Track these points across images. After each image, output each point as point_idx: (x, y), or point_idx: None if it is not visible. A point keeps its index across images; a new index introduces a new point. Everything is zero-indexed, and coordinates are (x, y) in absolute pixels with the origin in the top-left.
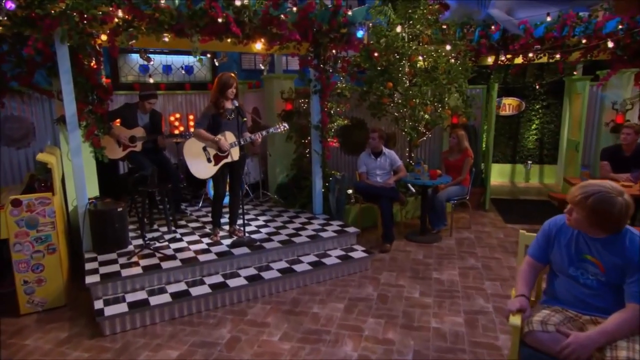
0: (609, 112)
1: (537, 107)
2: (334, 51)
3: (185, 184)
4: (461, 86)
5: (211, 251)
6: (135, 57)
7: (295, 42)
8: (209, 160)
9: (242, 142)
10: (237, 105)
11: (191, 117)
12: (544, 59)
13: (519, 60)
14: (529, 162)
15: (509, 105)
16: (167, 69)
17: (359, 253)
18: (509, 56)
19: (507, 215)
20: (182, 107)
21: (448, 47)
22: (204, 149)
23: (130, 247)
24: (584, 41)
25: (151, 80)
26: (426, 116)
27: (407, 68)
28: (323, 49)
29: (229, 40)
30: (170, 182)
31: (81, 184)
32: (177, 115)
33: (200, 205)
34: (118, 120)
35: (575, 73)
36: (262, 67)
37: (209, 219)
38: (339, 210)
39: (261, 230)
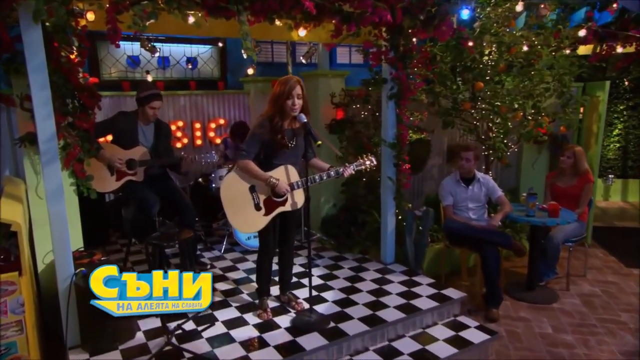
0: None
1: (621, 108)
2: (414, 39)
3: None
4: (566, 85)
5: (267, 342)
6: (122, 46)
7: (374, 26)
8: (257, 207)
9: (311, 182)
10: (305, 121)
11: (197, 125)
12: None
13: (631, 49)
14: (610, 175)
15: None
16: (164, 61)
17: (473, 332)
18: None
19: (620, 254)
20: (186, 112)
21: (582, 32)
22: (252, 189)
23: (139, 338)
24: None
25: (149, 77)
26: (509, 124)
27: (502, 63)
28: (404, 36)
29: (278, 22)
30: (186, 225)
31: (63, 245)
32: (180, 124)
33: (222, 250)
34: (109, 136)
35: None
36: (304, 62)
37: (242, 274)
38: (418, 259)
39: (324, 295)
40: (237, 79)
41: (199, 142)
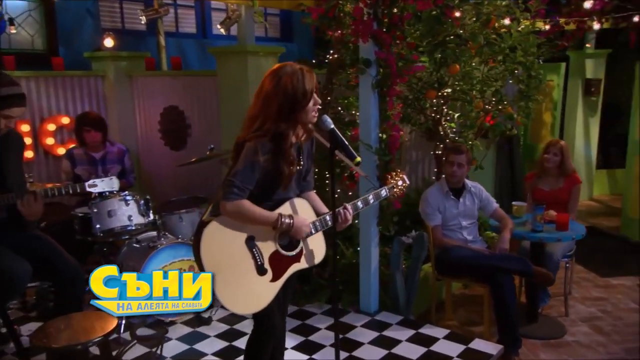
0: None
1: None
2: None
3: None
4: (530, 68)
5: None
6: None
7: None
8: (260, 270)
9: (349, 215)
10: (332, 127)
11: (25, 128)
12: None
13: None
14: None
15: None
16: None
17: None
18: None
19: (586, 261)
20: None
21: (588, 4)
22: (249, 242)
23: None
24: None
25: None
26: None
27: (480, 39)
28: (391, 2)
29: None
30: (74, 296)
31: None
32: None
33: (122, 326)
34: None
35: (588, 45)
36: (222, 32)
37: None
38: (410, 301)
39: None
40: (80, 53)
41: (29, 154)
